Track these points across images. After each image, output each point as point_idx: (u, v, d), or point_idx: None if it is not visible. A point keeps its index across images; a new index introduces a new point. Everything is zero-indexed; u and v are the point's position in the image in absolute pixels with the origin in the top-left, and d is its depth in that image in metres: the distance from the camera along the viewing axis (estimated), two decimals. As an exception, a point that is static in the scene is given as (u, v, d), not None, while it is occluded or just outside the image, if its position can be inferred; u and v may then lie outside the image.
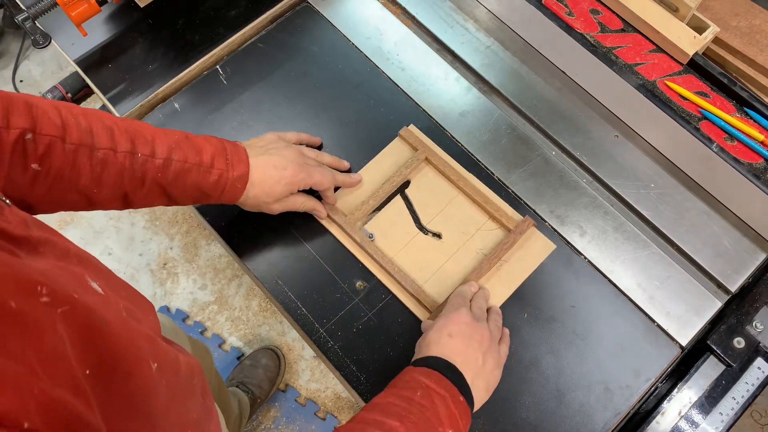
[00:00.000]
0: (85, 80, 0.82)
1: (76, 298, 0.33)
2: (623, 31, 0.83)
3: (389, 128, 0.77)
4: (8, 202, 0.39)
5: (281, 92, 0.80)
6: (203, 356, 0.98)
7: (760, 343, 0.66)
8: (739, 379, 0.65)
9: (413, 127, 0.77)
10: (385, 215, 0.72)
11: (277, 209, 0.67)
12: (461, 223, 0.72)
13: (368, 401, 0.64)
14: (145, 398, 0.37)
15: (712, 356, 0.66)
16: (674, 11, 0.81)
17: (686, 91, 0.78)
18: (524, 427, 0.63)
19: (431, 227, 0.71)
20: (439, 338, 0.58)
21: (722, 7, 0.89)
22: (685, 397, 0.65)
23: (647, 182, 0.74)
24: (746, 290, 0.70)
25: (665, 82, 0.79)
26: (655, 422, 0.64)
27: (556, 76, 0.80)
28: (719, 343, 0.65)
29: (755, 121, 0.77)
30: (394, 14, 0.85)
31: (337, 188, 0.73)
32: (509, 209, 0.72)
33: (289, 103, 0.79)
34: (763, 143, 0.75)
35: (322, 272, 0.70)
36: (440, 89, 0.80)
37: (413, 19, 0.85)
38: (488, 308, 0.66)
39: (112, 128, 0.56)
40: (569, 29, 0.82)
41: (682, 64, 0.80)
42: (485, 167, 0.75)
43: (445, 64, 0.81)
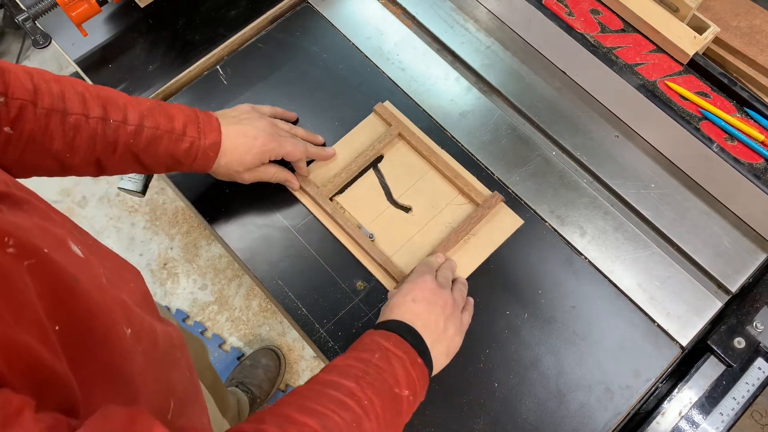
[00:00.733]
0: (85, 80, 0.82)
1: (46, 253, 0.34)
2: (623, 31, 0.83)
3: (389, 128, 0.77)
4: None
5: (281, 92, 0.80)
6: (198, 350, 0.98)
7: (760, 343, 0.66)
8: (739, 379, 0.65)
9: (388, 103, 0.78)
10: (357, 188, 0.74)
11: (248, 179, 0.68)
12: (432, 197, 0.73)
13: (368, 401, 0.64)
14: (120, 363, 0.37)
15: (712, 356, 0.66)
16: (674, 11, 0.81)
17: (686, 91, 0.78)
18: (524, 427, 0.63)
19: (402, 201, 0.73)
20: (402, 302, 0.59)
21: (722, 7, 0.89)
22: (685, 397, 0.65)
23: (647, 182, 0.74)
24: (746, 290, 0.70)
25: (665, 82, 0.79)
26: (655, 422, 0.64)
27: (556, 76, 0.80)
28: (719, 343, 0.65)
29: (755, 121, 0.77)
30: (394, 14, 0.85)
31: (310, 161, 0.74)
32: (479, 184, 0.74)
33: (289, 103, 0.79)
34: (763, 143, 0.75)
35: (322, 272, 0.70)
36: (440, 89, 0.80)
37: (413, 19, 0.85)
38: (454, 279, 0.67)
39: (83, 94, 0.57)
40: (569, 29, 0.82)
41: (682, 64, 0.80)
42: (485, 167, 0.75)
43: (445, 64, 0.81)
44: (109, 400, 0.36)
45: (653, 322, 0.68)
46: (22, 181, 0.45)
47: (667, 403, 0.65)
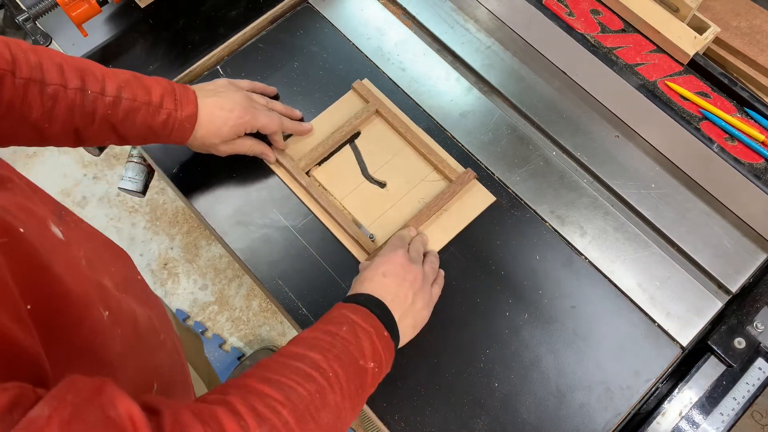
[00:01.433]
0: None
1: (21, 233, 0.34)
2: (624, 31, 0.83)
3: (390, 128, 0.77)
4: None
5: (282, 92, 0.80)
6: (192, 342, 0.99)
7: (760, 343, 0.66)
8: (739, 379, 0.65)
9: (367, 80, 0.79)
10: (333, 163, 0.75)
11: (225, 151, 0.69)
12: (406, 173, 0.75)
13: (369, 401, 0.64)
14: (98, 344, 0.38)
15: (712, 356, 0.66)
16: (675, 11, 0.81)
17: (687, 91, 0.78)
18: (524, 427, 0.63)
19: (377, 176, 0.74)
20: (373, 276, 0.60)
21: (723, 7, 0.89)
22: (685, 397, 0.65)
23: (648, 182, 0.74)
24: (747, 290, 0.70)
25: (666, 82, 0.79)
26: (655, 422, 0.64)
27: (556, 76, 0.80)
28: (720, 343, 0.65)
29: (756, 121, 0.77)
30: (394, 15, 0.85)
31: (288, 136, 0.75)
32: (453, 161, 0.75)
33: (289, 103, 0.79)
34: (763, 143, 0.75)
35: (322, 272, 0.70)
36: (441, 90, 0.80)
37: (414, 19, 0.85)
38: (426, 252, 0.68)
39: (62, 65, 0.57)
40: (570, 29, 0.82)
41: (682, 64, 0.80)
42: (486, 167, 0.75)
43: (445, 64, 0.81)
44: (84, 366, 0.37)
45: (653, 322, 0.68)
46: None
47: (667, 403, 0.65)
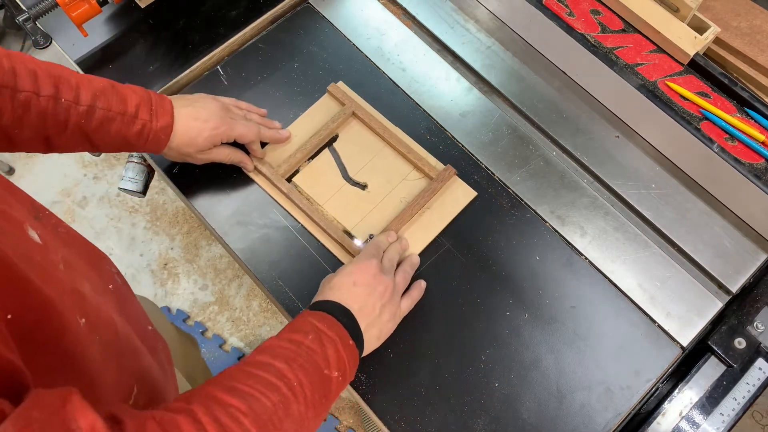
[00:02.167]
0: (86, 81, 0.82)
1: None
2: (624, 31, 0.83)
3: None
4: None
5: (282, 93, 0.80)
6: (183, 345, 0.98)
7: (761, 343, 0.66)
8: (740, 379, 0.65)
9: (342, 83, 0.79)
10: (313, 167, 0.75)
11: (201, 159, 0.69)
12: (387, 173, 0.74)
13: (369, 401, 0.64)
14: (77, 352, 0.38)
15: (713, 357, 0.66)
16: (675, 11, 0.81)
17: (687, 91, 0.78)
18: (525, 427, 0.63)
19: (358, 178, 0.74)
20: (343, 284, 0.60)
21: (723, 7, 0.89)
22: (686, 397, 0.65)
23: (648, 183, 0.74)
24: (747, 291, 0.70)
25: (666, 82, 0.79)
26: (656, 423, 0.64)
27: (556, 76, 0.80)
28: (720, 343, 0.65)
29: (756, 121, 0.77)
30: (394, 15, 0.85)
31: (266, 144, 0.75)
32: (432, 159, 0.75)
33: (290, 103, 0.79)
34: (763, 143, 0.75)
35: (322, 272, 0.70)
36: (441, 90, 0.80)
37: (414, 19, 0.85)
38: (404, 258, 0.68)
39: (35, 71, 0.56)
40: (570, 30, 0.82)
41: (682, 64, 0.80)
42: (486, 167, 0.75)
43: (445, 64, 0.81)
44: (67, 380, 0.37)
45: (654, 322, 0.68)
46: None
47: (667, 403, 0.65)
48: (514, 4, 0.84)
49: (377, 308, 0.60)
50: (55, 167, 1.69)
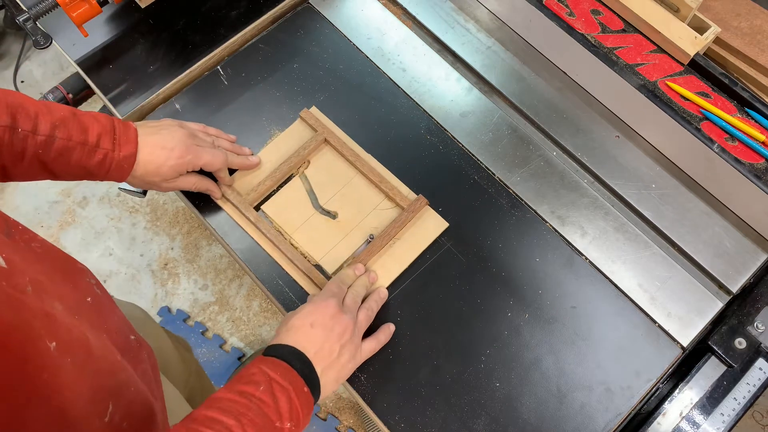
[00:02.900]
0: (86, 81, 0.82)
1: None
2: (624, 31, 0.82)
3: (389, 128, 0.77)
4: None
5: (282, 93, 0.80)
6: (182, 349, 0.98)
7: (761, 343, 0.66)
8: (740, 379, 0.65)
9: (315, 108, 0.78)
10: (282, 195, 0.73)
11: (167, 188, 0.68)
12: (358, 202, 0.73)
13: (369, 401, 0.64)
14: (45, 381, 0.36)
15: (713, 357, 0.66)
16: (675, 12, 0.81)
17: (687, 91, 0.78)
18: (525, 427, 0.63)
19: (328, 207, 0.73)
20: (300, 326, 0.58)
21: (723, 7, 0.89)
22: (686, 397, 0.65)
23: (648, 183, 0.74)
24: (747, 291, 0.70)
25: (666, 82, 0.79)
26: (656, 423, 0.64)
27: (557, 76, 0.80)
28: (720, 343, 0.65)
29: (756, 121, 0.77)
30: (395, 15, 0.85)
31: (234, 170, 0.74)
32: (404, 188, 0.73)
33: (290, 104, 0.79)
34: (764, 143, 0.75)
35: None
36: (441, 90, 0.80)
37: (414, 19, 0.85)
38: (372, 293, 0.67)
39: None
40: (570, 30, 0.82)
41: (683, 64, 0.80)
42: (486, 167, 0.75)
43: (446, 64, 0.81)
44: (37, 414, 0.35)
45: (654, 322, 0.68)
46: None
47: (668, 403, 0.65)
48: (514, 4, 0.84)
49: (335, 350, 0.58)
50: (55, 167, 1.69)
